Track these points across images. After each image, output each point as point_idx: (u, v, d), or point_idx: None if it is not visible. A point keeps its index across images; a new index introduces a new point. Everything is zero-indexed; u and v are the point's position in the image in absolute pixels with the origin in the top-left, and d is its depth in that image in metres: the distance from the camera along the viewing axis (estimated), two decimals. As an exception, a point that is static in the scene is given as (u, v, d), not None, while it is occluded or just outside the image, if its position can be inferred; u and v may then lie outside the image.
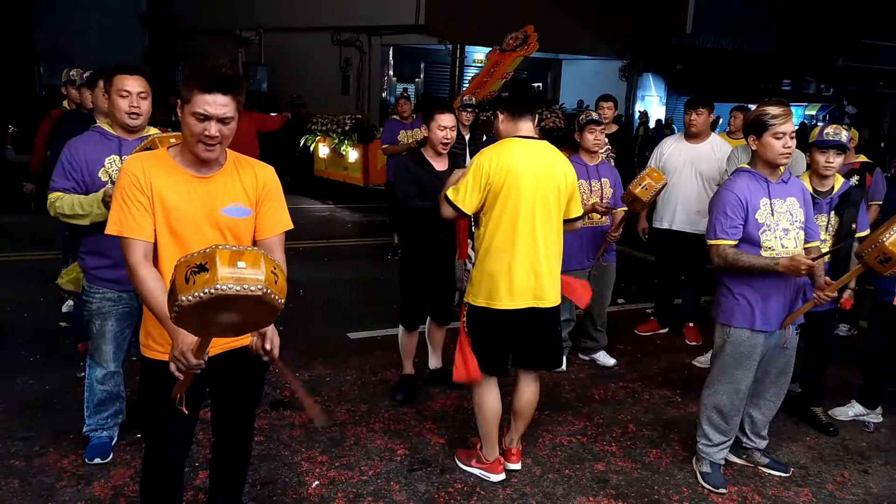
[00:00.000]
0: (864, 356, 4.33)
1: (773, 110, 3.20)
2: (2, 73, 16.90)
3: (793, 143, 3.22)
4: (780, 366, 3.48)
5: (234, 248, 1.78)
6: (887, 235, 2.99)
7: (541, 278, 3.24)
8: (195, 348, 2.04)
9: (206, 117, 2.16)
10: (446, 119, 3.94)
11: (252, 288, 1.73)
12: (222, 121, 2.18)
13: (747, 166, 3.37)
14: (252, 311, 1.81)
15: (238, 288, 1.72)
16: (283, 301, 1.82)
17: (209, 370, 2.21)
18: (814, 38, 19.25)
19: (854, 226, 3.86)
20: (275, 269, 1.81)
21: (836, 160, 3.74)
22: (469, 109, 6.47)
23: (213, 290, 1.71)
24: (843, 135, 3.74)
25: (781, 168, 3.30)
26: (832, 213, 3.84)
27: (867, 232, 3.92)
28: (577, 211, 3.40)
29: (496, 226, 3.21)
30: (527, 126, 3.30)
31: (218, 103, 2.16)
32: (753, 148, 3.28)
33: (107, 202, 3.04)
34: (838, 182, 3.88)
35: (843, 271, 3.79)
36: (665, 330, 5.77)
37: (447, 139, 3.97)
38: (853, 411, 4.29)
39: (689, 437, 3.83)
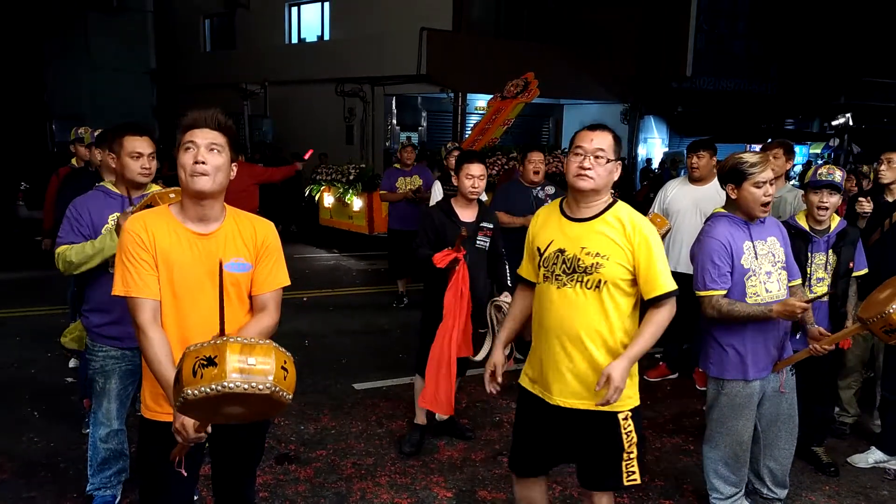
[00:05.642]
0: (882, 400, 4.25)
1: (750, 158, 3.16)
2: (15, 131, 17.26)
3: (773, 189, 3.18)
4: (785, 411, 3.40)
5: (245, 342, 1.74)
6: (894, 306, 2.92)
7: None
8: (196, 424, 2.03)
9: (195, 144, 2.20)
10: (475, 168, 4.09)
11: (261, 386, 1.71)
12: (210, 149, 2.20)
13: (723, 210, 3.31)
14: (258, 406, 1.79)
15: (246, 386, 1.69)
16: (290, 397, 1.80)
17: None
18: (815, 77, 19.44)
19: (851, 264, 3.84)
20: (285, 363, 1.79)
21: (830, 199, 3.74)
22: (456, 153, 6.48)
23: (220, 388, 1.68)
24: (837, 175, 3.76)
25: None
26: (829, 251, 3.82)
27: (865, 271, 3.94)
28: None
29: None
30: None
31: (205, 134, 2.21)
32: (733, 197, 3.22)
33: (119, 230, 3.03)
34: (835, 220, 3.89)
35: (841, 309, 3.79)
36: (675, 375, 5.69)
37: (475, 187, 4.10)
38: (873, 458, 4.18)
39: (703, 486, 3.71)
